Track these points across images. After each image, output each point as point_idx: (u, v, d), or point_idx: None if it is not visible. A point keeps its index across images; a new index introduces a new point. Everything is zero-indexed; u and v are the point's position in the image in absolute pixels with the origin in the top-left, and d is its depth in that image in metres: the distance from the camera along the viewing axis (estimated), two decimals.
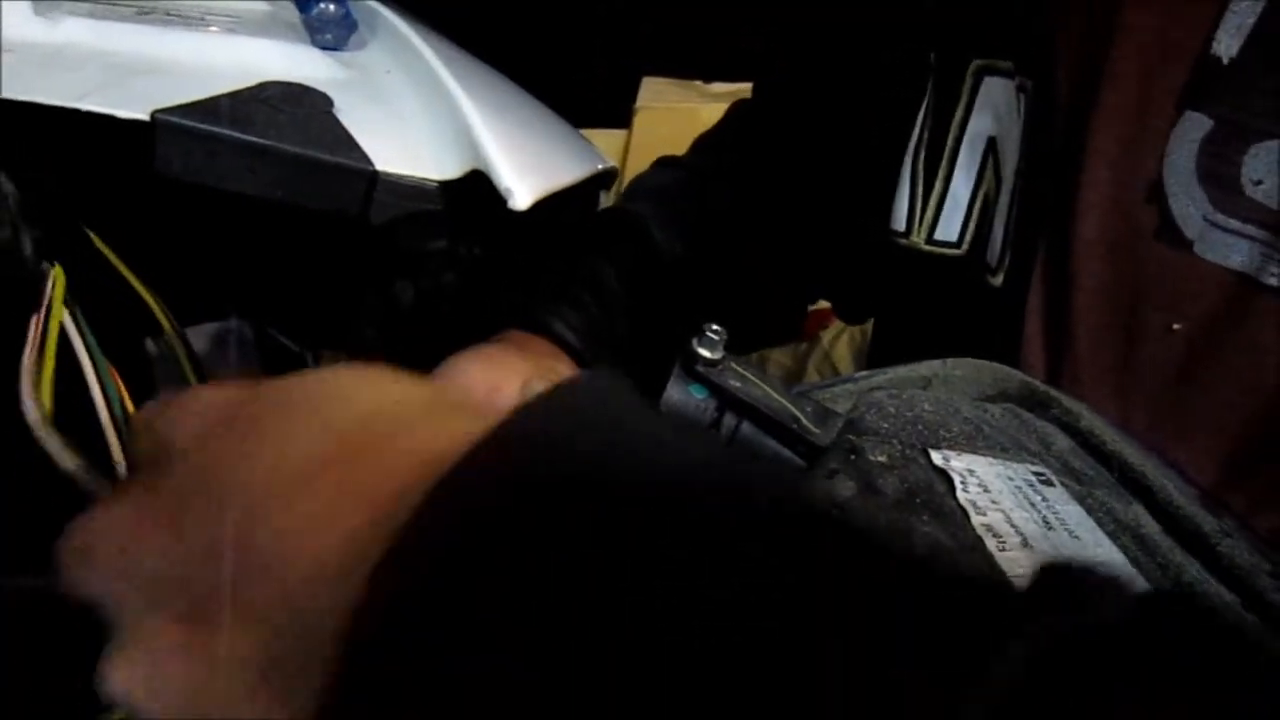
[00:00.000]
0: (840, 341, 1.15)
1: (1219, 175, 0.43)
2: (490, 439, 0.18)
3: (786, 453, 0.40)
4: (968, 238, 0.54)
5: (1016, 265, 0.51)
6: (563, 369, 0.47)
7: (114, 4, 0.41)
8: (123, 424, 0.34)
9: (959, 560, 0.26)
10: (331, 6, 0.41)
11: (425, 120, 0.34)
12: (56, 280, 0.34)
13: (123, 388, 0.35)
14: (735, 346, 0.66)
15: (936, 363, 0.50)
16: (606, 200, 0.60)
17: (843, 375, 0.53)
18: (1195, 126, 0.44)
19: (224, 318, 0.53)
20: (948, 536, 0.36)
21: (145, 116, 0.29)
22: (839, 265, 0.66)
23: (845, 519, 0.17)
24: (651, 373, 0.44)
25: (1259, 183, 0.42)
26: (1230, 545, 0.41)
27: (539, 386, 0.44)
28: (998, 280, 0.52)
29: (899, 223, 0.56)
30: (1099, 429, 0.45)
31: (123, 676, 0.20)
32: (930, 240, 0.55)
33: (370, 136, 0.33)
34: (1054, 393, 0.47)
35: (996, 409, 0.45)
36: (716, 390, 0.41)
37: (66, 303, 0.34)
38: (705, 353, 0.41)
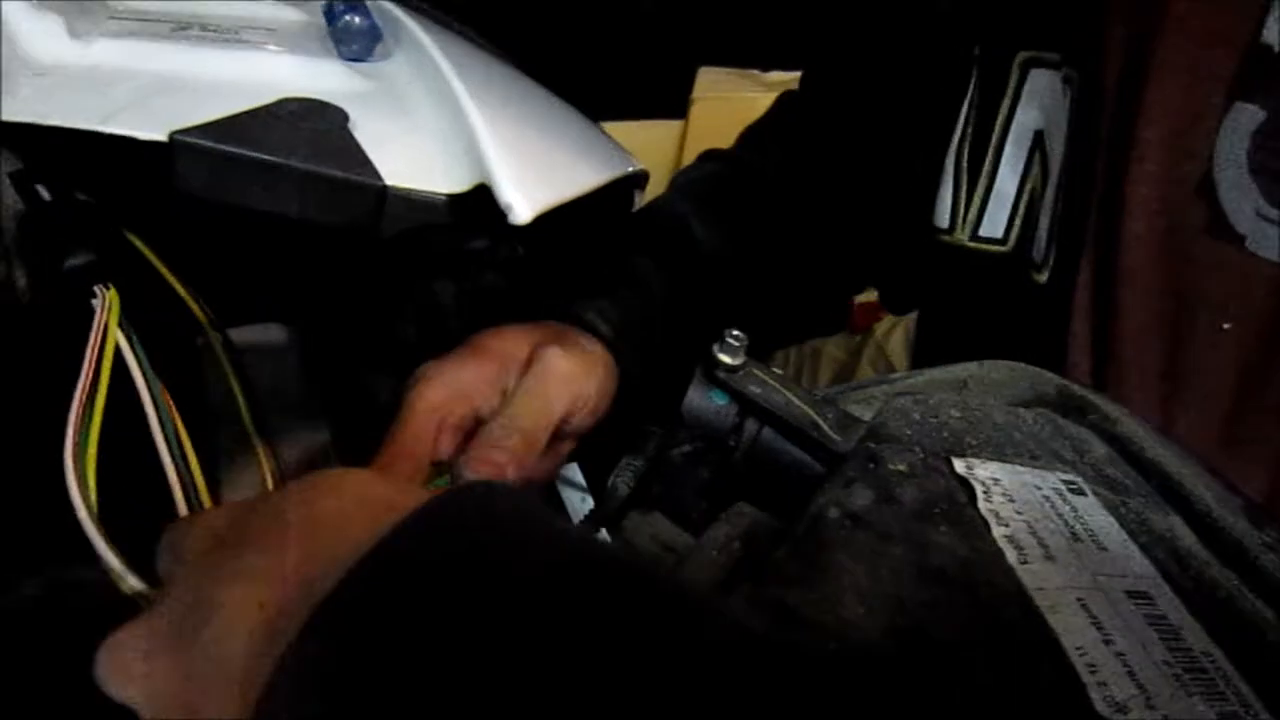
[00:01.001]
0: (894, 334, 1.14)
1: (1272, 168, 0.42)
2: (371, 555, 0.21)
3: (807, 459, 0.40)
4: (1014, 234, 0.53)
5: (1061, 262, 0.50)
6: (588, 344, 0.47)
7: (151, 20, 0.42)
8: (178, 454, 0.35)
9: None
10: (356, 19, 0.41)
11: (438, 132, 0.34)
12: (112, 305, 0.35)
13: (176, 413, 0.36)
14: (780, 339, 0.65)
15: (974, 365, 0.49)
16: (642, 199, 0.60)
17: (880, 375, 0.52)
18: (1246, 118, 0.42)
19: (266, 320, 0.54)
20: (967, 547, 0.35)
21: (164, 137, 0.30)
22: (884, 258, 0.65)
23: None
24: (691, 368, 0.44)
25: None
26: (1272, 559, 0.39)
27: (551, 351, 0.43)
28: (1042, 277, 0.51)
29: (942, 219, 0.55)
30: (1138, 436, 0.44)
31: None
32: (974, 237, 0.54)
33: (383, 150, 0.33)
34: (1092, 397, 0.46)
35: (1030, 414, 0.44)
36: (737, 396, 0.40)
37: (122, 326, 0.35)
38: (726, 358, 0.41)
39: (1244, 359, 0.43)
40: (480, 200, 0.33)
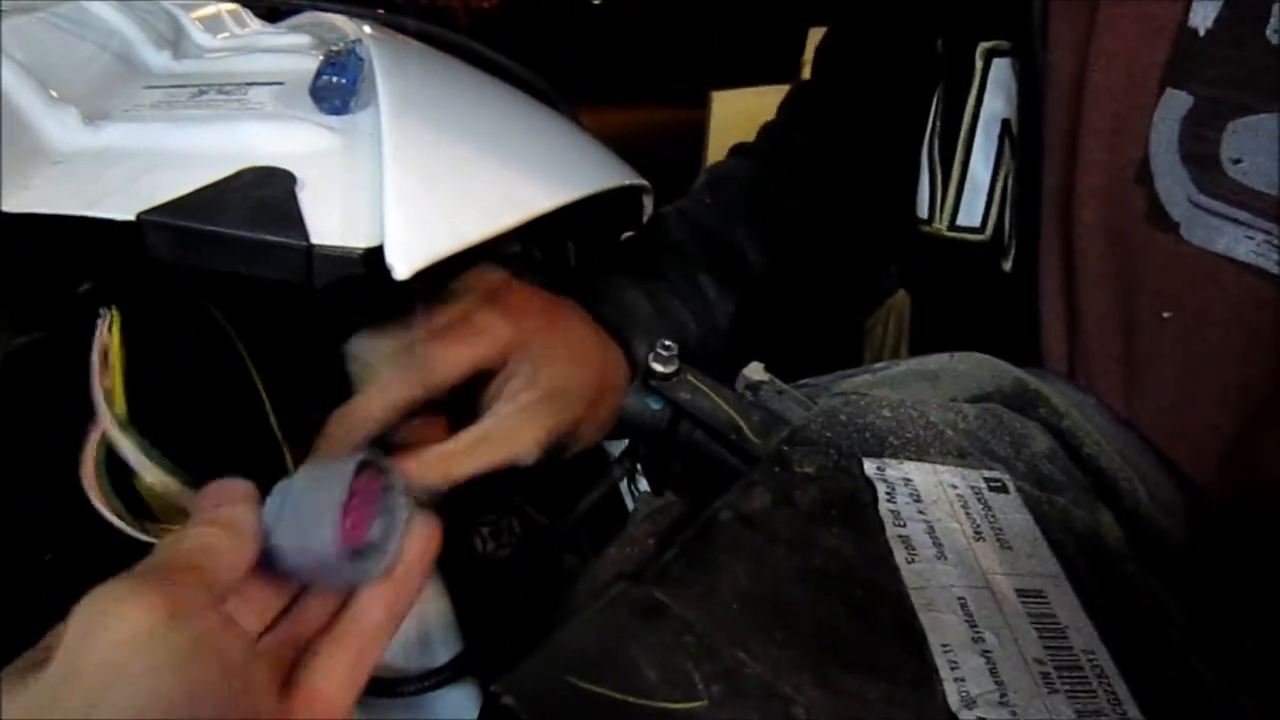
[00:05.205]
0: None
1: (1200, 155, 0.41)
2: None
3: (733, 460, 0.43)
4: (991, 222, 0.54)
5: (1022, 249, 0.51)
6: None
7: (178, 87, 0.49)
8: None
9: None
10: (334, 79, 0.47)
11: (375, 185, 0.39)
12: (114, 320, 0.42)
13: None
14: (811, 324, 0.68)
15: (945, 356, 0.50)
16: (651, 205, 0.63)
17: (866, 366, 0.54)
18: (1177, 104, 0.42)
19: None
20: (853, 548, 0.37)
21: (133, 218, 0.37)
22: (892, 244, 0.66)
23: None
24: (732, 368, 0.48)
25: (1238, 161, 0.39)
26: (1194, 557, 0.39)
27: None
28: (1007, 264, 0.52)
29: (922, 209, 0.56)
30: (1081, 431, 0.44)
31: None
32: (953, 226, 0.55)
33: (324, 208, 0.38)
34: (1045, 390, 0.46)
35: (974, 410, 0.45)
36: (669, 402, 0.44)
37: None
38: (659, 367, 0.44)
39: (1184, 349, 0.42)
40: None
